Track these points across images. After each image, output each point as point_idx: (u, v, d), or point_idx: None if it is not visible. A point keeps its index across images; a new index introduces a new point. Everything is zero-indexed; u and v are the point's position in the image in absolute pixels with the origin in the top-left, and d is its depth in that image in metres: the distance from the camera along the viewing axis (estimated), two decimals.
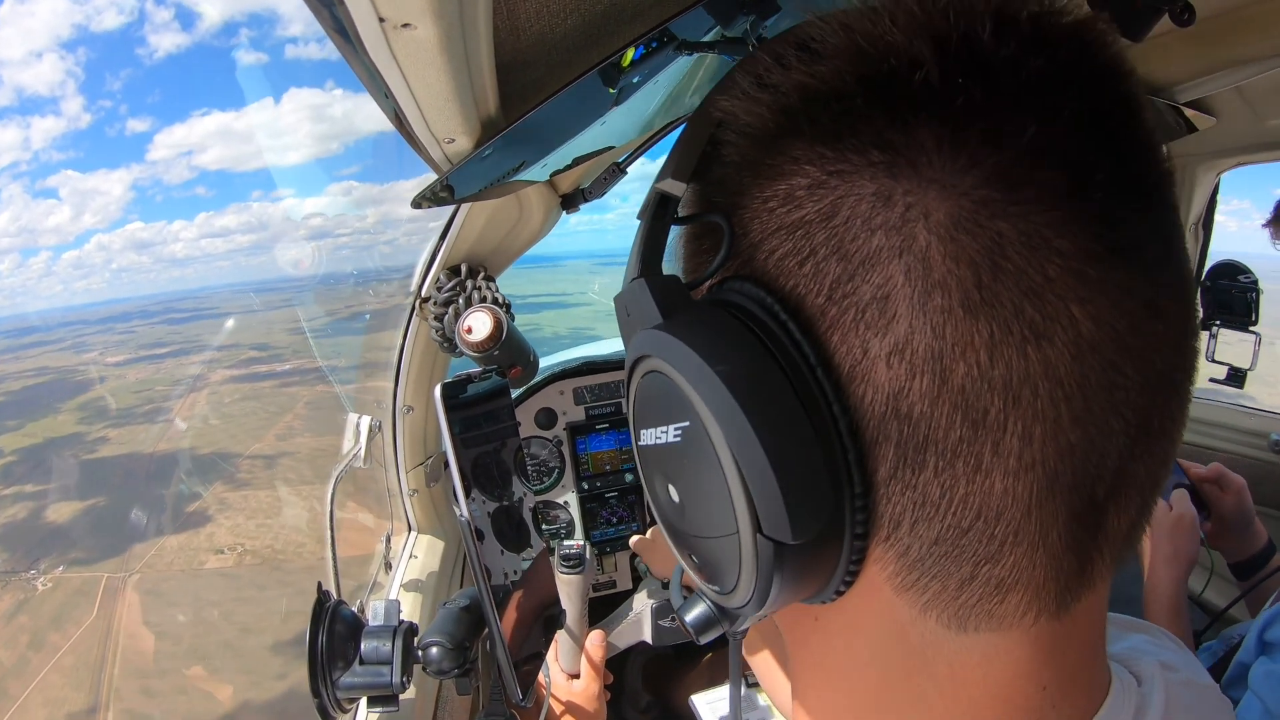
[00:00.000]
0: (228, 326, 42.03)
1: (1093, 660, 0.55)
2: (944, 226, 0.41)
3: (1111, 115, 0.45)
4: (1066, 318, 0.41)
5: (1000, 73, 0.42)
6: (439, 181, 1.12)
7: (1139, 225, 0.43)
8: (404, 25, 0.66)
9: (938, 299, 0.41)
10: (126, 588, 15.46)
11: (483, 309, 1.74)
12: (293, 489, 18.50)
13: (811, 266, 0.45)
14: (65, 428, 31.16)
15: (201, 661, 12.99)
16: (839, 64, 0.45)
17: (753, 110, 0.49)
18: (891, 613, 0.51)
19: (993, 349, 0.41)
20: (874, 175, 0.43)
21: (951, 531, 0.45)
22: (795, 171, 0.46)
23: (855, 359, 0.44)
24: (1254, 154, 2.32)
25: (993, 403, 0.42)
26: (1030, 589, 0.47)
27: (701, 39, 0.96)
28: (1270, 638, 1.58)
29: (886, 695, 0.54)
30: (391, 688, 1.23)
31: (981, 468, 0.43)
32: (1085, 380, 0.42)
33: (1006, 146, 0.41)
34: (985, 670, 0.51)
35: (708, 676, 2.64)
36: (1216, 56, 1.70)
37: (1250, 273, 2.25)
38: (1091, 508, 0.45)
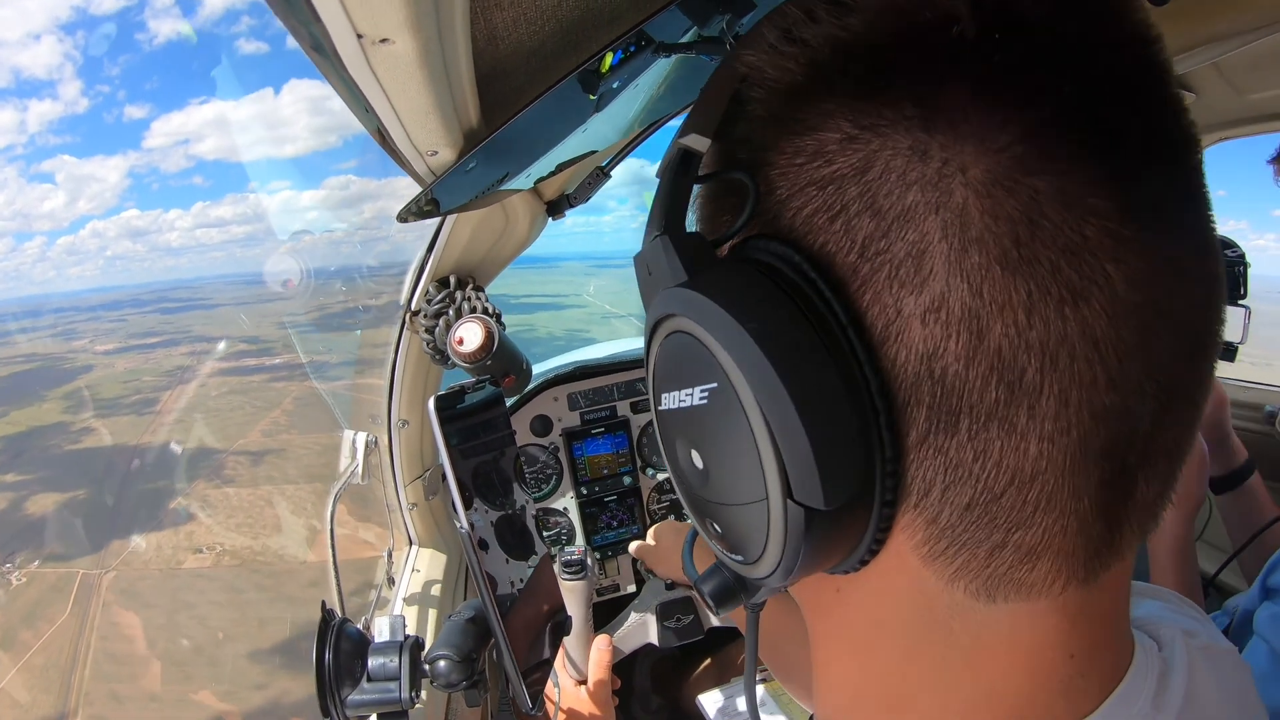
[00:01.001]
0: (222, 319, 42.11)
1: (1118, 627, 0.54)
2: (981, 182, 0.40)
3: (1141, 77, 0.44)
4: (1103, 278, 0.40)
5: (1035, 31, 0.42)
6: (424, 195, 1.11)
7: (1167, 186, 0.43)
8: (382, 40, 0.66)
9: (975, 256, 0.41)
10: (102, 585, 15.22)
11: (473, 319, 1.74)
12: (276, 488, 18.35)
13: (843, 223, 0.44)
14: (50, 416, 30.86)
15: (174, 667, 12.81)
16: (871, 17, 0.44)
17: (780, 64, 0.48)
18: (918, 583, 0.50)
19: (1030, 309, 0.40)
20: (909, 129, 0.42)
21: (984, 496, 0.45)
22: (826, 126, 0.45)
23: (889, 318, 0.43)
24: (1234, 129, 2.33)
25: (1030, 364, 0.41)
26: (1060, 556, 0.46)
27: (679, 40, 0.96)
28: (1274, 583, 1.59)
29: (911, 667, 0.54)
30: (401, 703, 1.23)
31: (1017, 431, 0.43)
32: (1121, 343, 0.41)
33: (1042, 105, 0.41)
34: (1013, 641, 0.50)
35: (715, 675, 2.64)
36: (1193, 33, 1.71)
37: (1237, 247, 2.26)
38: (1123, 474, 0.45)
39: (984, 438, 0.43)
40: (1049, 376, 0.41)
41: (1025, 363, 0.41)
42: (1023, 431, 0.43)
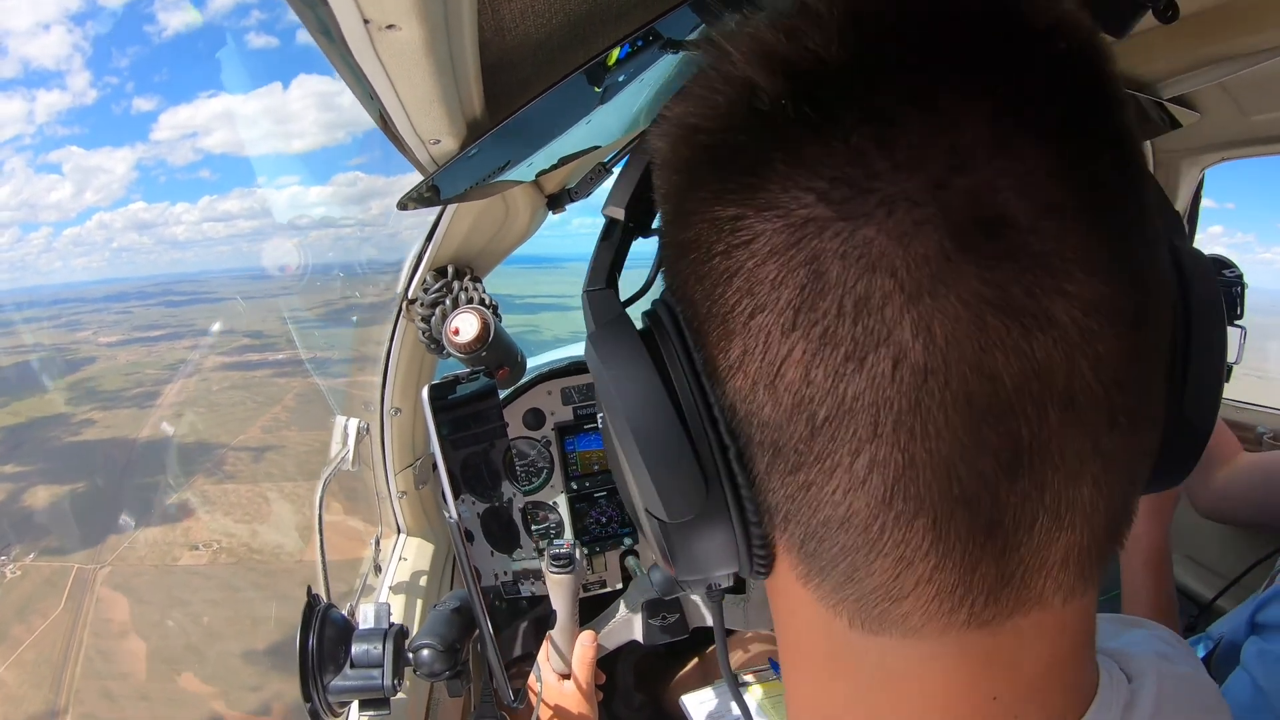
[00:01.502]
0: (226, 313, 41.65)
1: (1064, 676, 0.53)
2: (771, 247, 0.43)
3: (1029, 95, 0.42)
4: (891, 338, 0.41)
5: (823, 100, 0.42)
6: (424, 183, 1.11)
7: (1032, 227, 0.40)
8: (389, 26, 0.65)
9: (762, 317, 0.44)
10: (96, 581, 15.03)
11: (470, 310, 1.73)
12: (275, 485, 18.09)
13: (697, 284, 0.48)
14: (51, 408, 30.57)
15: (166, 665, 12.62)
16: (696, 103, 0.48)
17: (657, 147, 0.53)
18: (811, 607, 0.52)
19: (810, 367, 0.43)
20: (721, 198, 0.45)
21: (820, 529, 0.47)
22: (685, 196, 0.49)
23: (724, 366, 0.48)
24: (1238, 149, 2.34)
25: (819, 416, 0.43)
26: (922, 599, 0.47)
27: (686, 37, 0.96)
28: (1263, 619, 1.59)
29: (835, 689, 0.56)
30: (383, 690, 1.23)
31: (826, 477, 0.45)
32: (920, 402, 0.41)
33: (826, 171, 0.41)
34: (919, 677, 0.51)
35: (699, 676, 2.64)
36: (1201, 53, 1.71)
37: (1235, 267, 2.26)
38: (987, 532, 0.44)
39: (805, 475, 0.46)
40: (841, 427, 0.43)
41: (818, 413, 0.43)
42: (831, 475, 0.45)
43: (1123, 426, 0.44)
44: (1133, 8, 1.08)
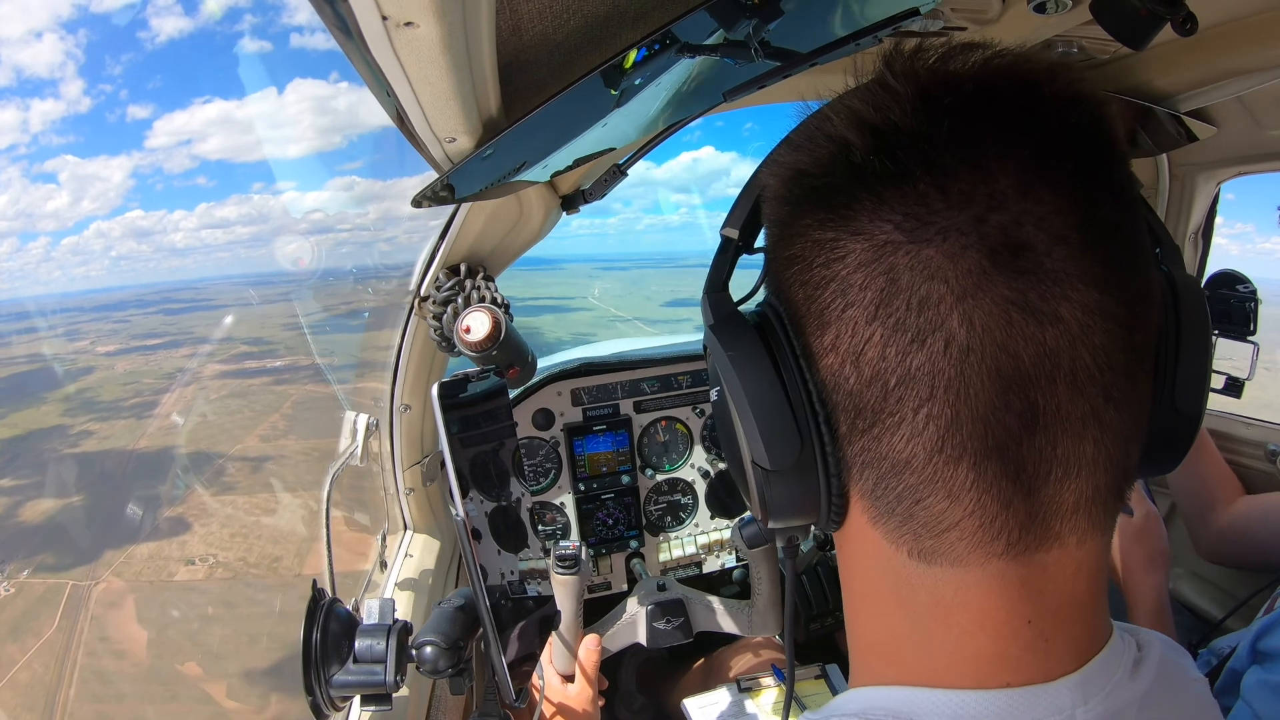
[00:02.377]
0: (225, 321, 41.44)
1: (1084, 611, 0.65)
2: (860, 260, 0.59)
3: (1047, 155, 0.58)
4: (944, 326, 0.56)
5: (905, 147, 0.58)
6: (439, 180, 1.11)
7: (1046, 251, 0.56)
8: (407, 24, 0.66)
9: (851, 311, 0.60)
10: (91, 598, 14.69)
11: (481, 309, 1.74)
12: (272, 495, 17.84)
13: (800, 288, 0.65)
14: (49, 419, 30.17)
15: (160, 686, 12.36)
16: (809, 152, 0.64)
17: (770, 180, 0.70)
18: (877, 545, 0.67)
19: (885, 346, 0.59)
20: (823, 225, 0.62)
21: (887, 475, 0.63)
22: (792, 223, 0.66)
23: (819, 350, 0.64)
24: (1254, 164, 2.32)
25: (891, 384, 0.59)
26: (966, 531, 0.61)
27: (704, 42, 0.96)
28: (1264, 647, 1.58)
29: (894, 618, 0.69)
30: (385, 686, 1.23)
31: (893, 429, 0.61)
32: (963, 372, 0.57)
33: (900, 208, 0.58)
34: (963, 600, 0.63)
35: (702, 679, 2.64)
36: (1219, 66, 1.70)
37: (1249, 282, 2.25)
38: (1015, 476, 0.59)
39: (876, 431, 0.62)
40: (908, 393, 0.59)
41: (889, 382, 0.59)
42: (894, 429, 0.60)
43: (1116, 401, 0.60)
44: (1152, 21, 1.08)
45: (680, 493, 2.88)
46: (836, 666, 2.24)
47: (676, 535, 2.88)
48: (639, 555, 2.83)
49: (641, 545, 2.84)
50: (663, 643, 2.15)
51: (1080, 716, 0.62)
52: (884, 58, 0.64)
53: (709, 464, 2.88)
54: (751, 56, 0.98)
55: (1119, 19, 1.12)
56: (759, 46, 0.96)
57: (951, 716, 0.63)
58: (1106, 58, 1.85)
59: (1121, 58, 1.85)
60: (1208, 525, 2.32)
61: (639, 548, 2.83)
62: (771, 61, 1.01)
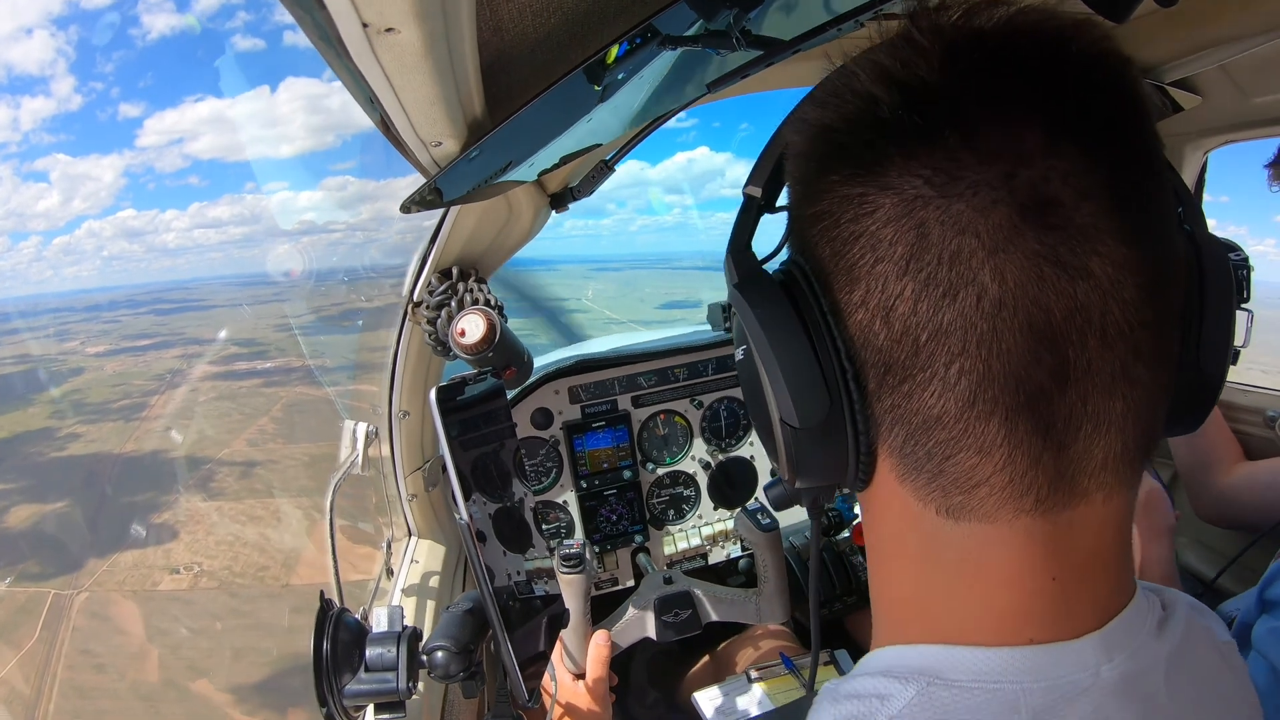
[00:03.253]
0: (218, 324, 41.06)
1: (1108, 568, 0.66)
2: (889, 215, 0.59)
3: (1072, 113, 0.58)
4: (976, 280, 0.56)
5: (938, 103, 0.58)
6: (427, 185, 1.11)
7: (1074, 207, 0.56)
8: (387, 30, 0.65)
9: (882, 266, 0.60)
10: (73, 608, 14.29)
11: (475, 311, 1.74)
12: (260, 502, 17.45)
13: (827, 245, 0.64)
14: (35, 422, 29.72)
15: (144, 702, 12.07)
16: (836, 109, 0.64)
17: (796, 139, 0.70)
18: (904, 503, 0.67)
19: (917, 300, 0.58)
20: (850, 181, 0.61)
21: (917, 431, 0.63)
22: (818, 180, 0.65)
23: (848, 306, 0.64)
24: (1241, 131, 2.32)
25: (923, 339, 0.59)
26: (996, 487, 0.61)
27: (685, 33, 0.96)
28: (1271, 595, 1.59)
29: (921, 575, 0.69)
30: (398, 694, 1.23)
31: (925, 385, 0.60)
32: (996, 326, 0.56)
33: (939, 152, 0.57)
34: (990, 556, 0.64)
35: (712, 671, 2.64)
36: (1201, 36, 1.70)
37: (1240, 250, 2.24)
38: (1045, 431, 0.59)
39: (908, 387, 0.62)
40: (939, 348, 0.58)
41: (919, 337, 0.59)
42: (926, 384, 0.60)
43: (1145, 358, 0.60)
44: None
45: (682, 485, 2.89)
46: (846, 652, 2.24)
47: (680, 528, 2.89)
48: (644, 550, 2.84)
49: (646, 540, 2.84)
50: (672, 635, 2.15)
51: (1105, 673, 0.63)
52: (909, 14, 0.63)
53: (709, 455, 2.88)
54: (733, 46, 0.98)
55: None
56: (740, 36, 0.96)
57: (976, 673, 0.64)
58: None
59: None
60: (1208, 486, 2.34)
61: (644, 542, 2.84)
62: (754, 50, 1.01)
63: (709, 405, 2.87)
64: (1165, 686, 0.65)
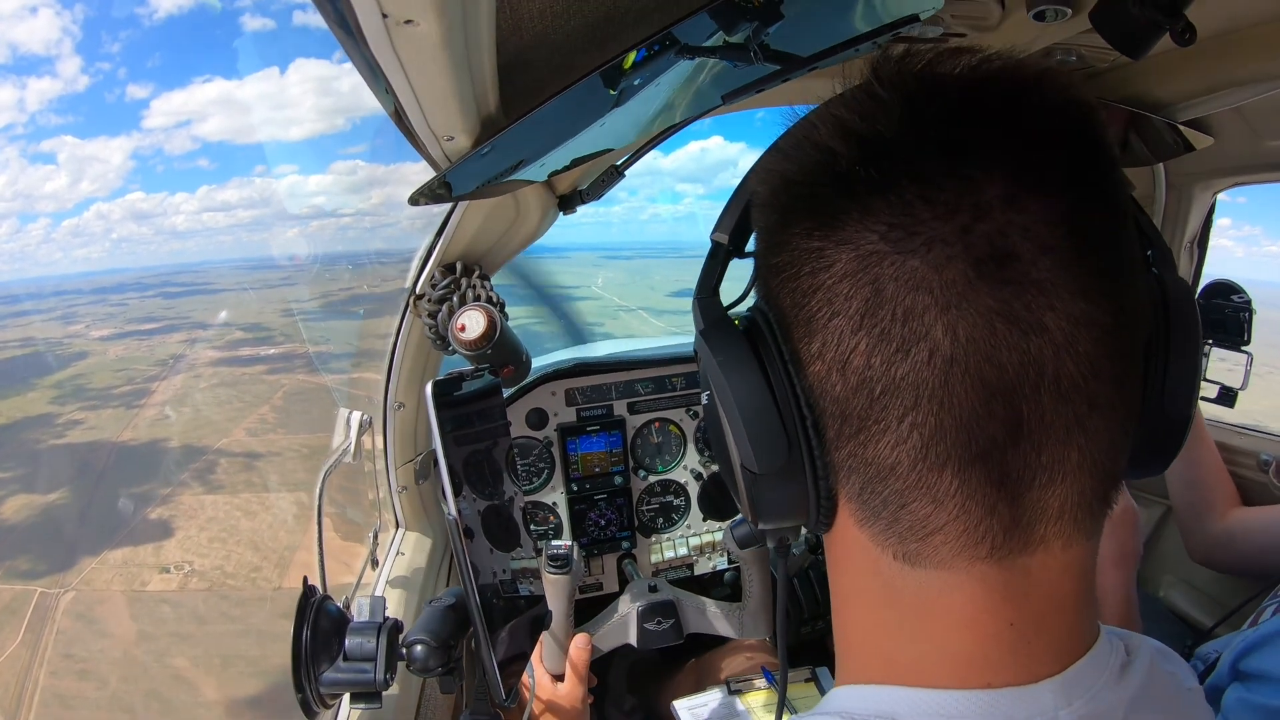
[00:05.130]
0: (220, 315, 40.80)
1: (1068, 613, 0.66)
2: (845, 270, 0.59)
3: (1034, 164, 0.58)
4: (928, 336, 0.57)
5: (894, 159, 0.59)
6: (437, 178, 1.11)
7: (1032, 261, 0.56)
8: (407, 21, 0.66)
9: (838, 320, 0.61)
10: (58, 609, 13.91)
11: (477, 308, 1.74)
12: (256, 496, 17.12)
13: (788, 296, 0.65)
14: (36, 407, 29.36)
15: (125, 714, 11.79)
16: (798, 160, 0.65)
17: (759, 187, 0.71)
18: (864, 548, 0.68)
19: (870, 355, 0.59)
20: (809, 234, 0.62)
21: (873, 480, 0.63)
22: (780, 230, 0.66)
23: (806, 356, 0.65)
24: (1252, 174, 2.32)
25: (876, 391, 0.60)
26: (951, 535, 0.61)
27: (703, 44, 0.96)
28: (1245, 667, 1.58)
29: (880, 618, 0.69)
30: (375, 685, 1.23)
31: (879, 436, 0.61)
32: (948, 382, 0.57)
33: (884, 217, 0.58)
34: (946, 602, 0.64)
35: (693, 680, 2.64)
36: (1217, 76, 1.70)
37: (1243, 292, 2.25)
38: (999, 483, 0.59)
39: (863, 437, 0.62)
40: (892, 401, 0.59)
41: (874, 389, 0.60)
42: (879, 436, 0.61)
43: (1102, 408, 0.60)
44: (1151, 30, 1.08)
45: (673, 494, 2.88)
46: (827, 669, 2.24)
47: (669, 537, 2.88)
48: (631, 556, 2.83)
49: (633, 546, 2.83)
50: (653, 644, 2.15)
51: (1064, 718, 0.63)
52: (872, 64, 0.64)
53: (702, 466, 2.88)
54: (751, 60, 0.98)
55: (1118, 28, 1.13)
56: (758, 50, 0.96)
57: (932, 715, 0.64)
58: (1105, 66, 1.85)
59: (1120, 66, 1.85)
60: (1203, 528, 2.33)
61: (631, 549, 2.83)
62: (770, 65, 1.01)
63: (704, 416, 2.87)
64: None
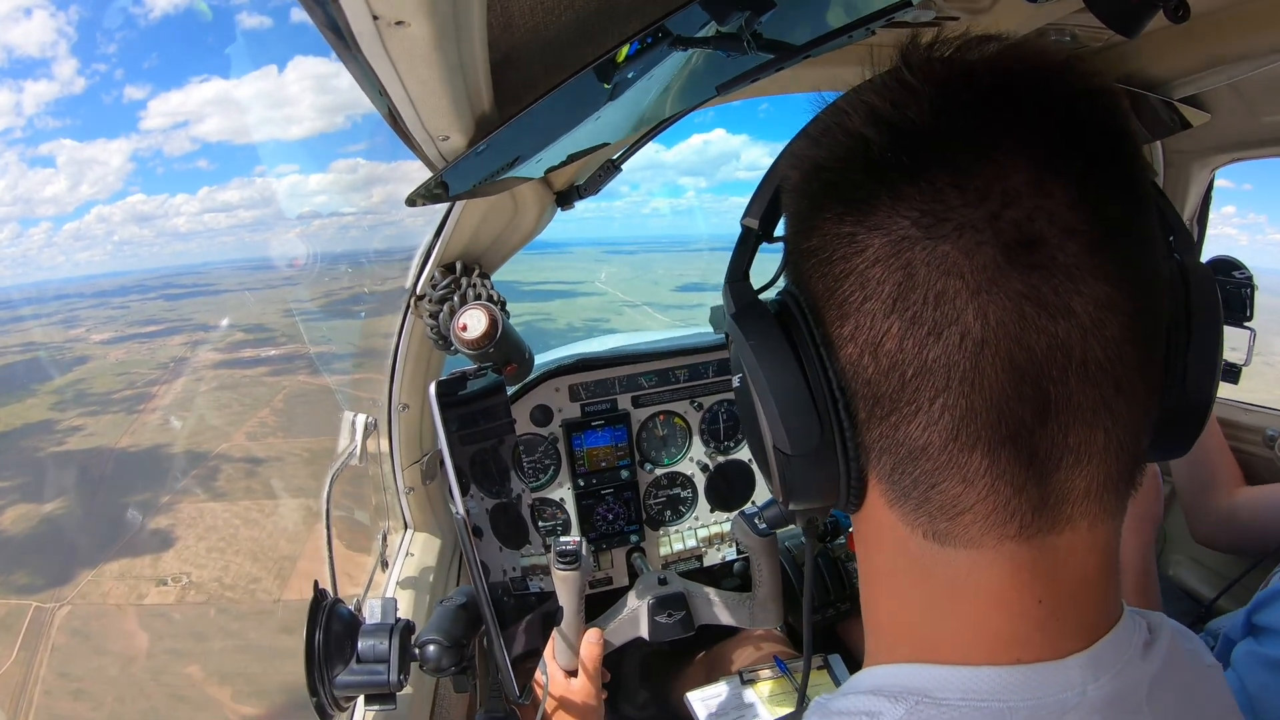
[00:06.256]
0: (223, 320, 40.69)
1: (1095, 591, 0.67)
2: (878, 255, 0.61)
3: (1060, 151, 0.59)
4: (959, 320, 0.58)
5: (927, 146, 0.60)
6: (433, 179, 1.11)
7: (1059, 246, 0.57)
8: (398, 22, 0.65)
9: (870, 304, 0.62)
10: (54, 624, 13.64)
11: (478, 306, 1.74)
12: (255, 503, 16.88)
13: (820, 280, 0.67)
14: (36, 414, 29.18)
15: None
16: (827, 148, 0.66)
17: (790, 175, 0.72)
18: (894, 527, 0.69)
19: (903, 338, 0.61)
20: (841, 219, 0.63)
21: (904, 461, 0.65)
22: (811, 216, 0.67)
23: (839, 339, 0.66)
24: (1249, 150, 2.32)
25: (908, 374, 0.61)
26: (980, 515, 0.63)
27: (696, 35, 0.96)
28: (1260, 621, 1.59)
29: (910, 597, 0.71)
30: (389, 686, 1.23)
31: (910, 418, 0.62)
32: (978, 364, 0.58)
33: (927, 193, 0.59)
34: (976, 580, 0.65)
35: (704, 672, 2.64)
36: (1212, 53, 1.70)
37: (1245, 268, 2.25)
38: (1028, 463, 0.61)
39: (895, 418, 0.64)
40: (924, 384, 0.61)
41: (905, 372, 0.61)
42: (911, 417, 0.62)
43: (1127, 391, 0.61)
44: (1144, 8, 1.08)
45: (679, 486, 2.89)
46: (839, 657, 2.24)
47: (676, 529, 2.89)
48: (639, 550, 2.84)
49: (642, 540, 2.84)
50: (664, 636, 2.15)
51: (1091, 693, 0.64)
52: (901, 51, 0.65)
53: (708, 457, 2.89)
54: (744, 49, 0.97)
55: (1111, 6, 1.12)
56: (751, 39, 0.96)
57: (964, 691, 0.65)
58: (1099, 45, 1.85)
59: (1114, 45, 1.85)
60: (1206, 509, 2.33)
61: (639, 542, 2.84)
62: (764, 54, 1.01)
63: (709, 407, 2.87)
64: (1148, 706, 0.67)
